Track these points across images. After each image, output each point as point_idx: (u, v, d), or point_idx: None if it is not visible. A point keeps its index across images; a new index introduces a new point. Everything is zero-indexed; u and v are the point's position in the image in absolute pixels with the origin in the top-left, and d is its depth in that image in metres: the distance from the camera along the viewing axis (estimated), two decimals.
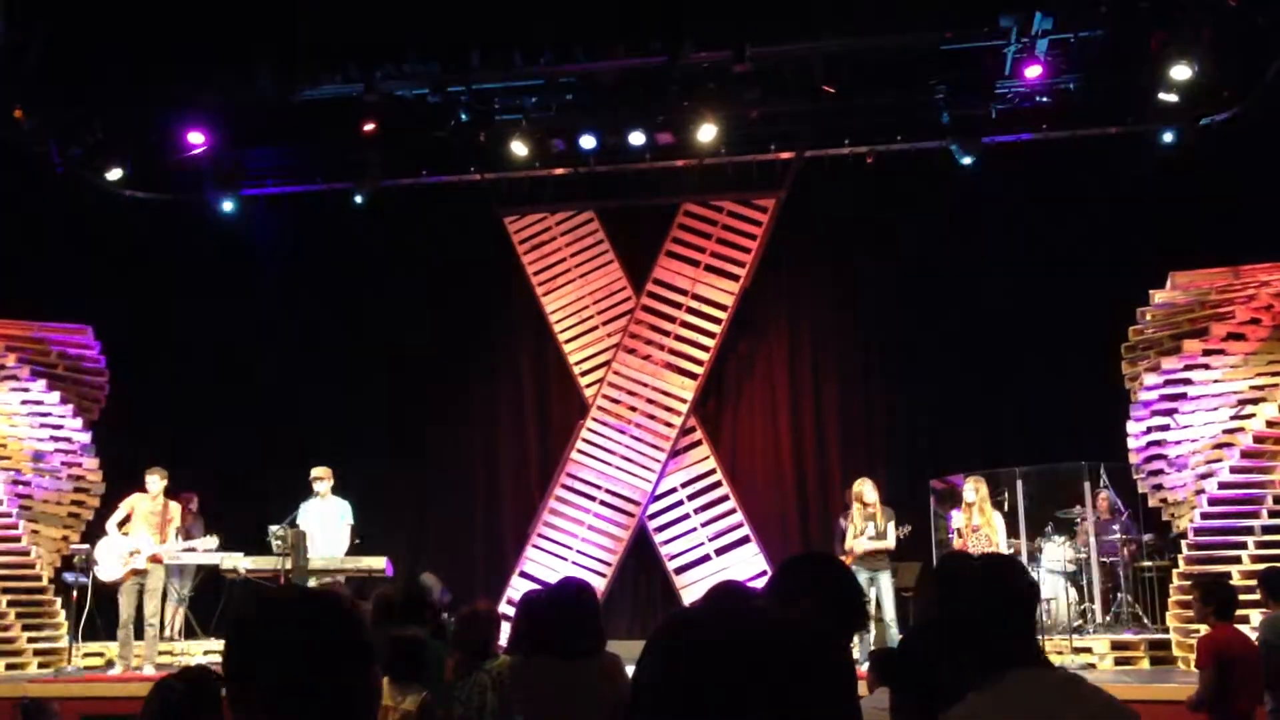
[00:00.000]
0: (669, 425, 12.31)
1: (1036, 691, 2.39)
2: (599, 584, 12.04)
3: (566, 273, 12.85)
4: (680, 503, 12.30)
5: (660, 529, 12.29)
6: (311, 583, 9.78)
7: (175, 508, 10.51)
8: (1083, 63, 10.33)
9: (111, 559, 10.16)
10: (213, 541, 10.90)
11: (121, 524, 10.26)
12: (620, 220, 12.81)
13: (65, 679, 9.77)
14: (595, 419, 12.43)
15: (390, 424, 13.06)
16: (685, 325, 12.46)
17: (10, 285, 11.61)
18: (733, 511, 12.15)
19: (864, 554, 10.09)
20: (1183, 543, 9.80)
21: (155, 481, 10.31)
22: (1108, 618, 10.27)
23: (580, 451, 12.40)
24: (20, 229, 11.84)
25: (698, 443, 12.41)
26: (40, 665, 10.45)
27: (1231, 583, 8.18)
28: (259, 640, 1.88)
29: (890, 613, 10.05)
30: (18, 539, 10.65)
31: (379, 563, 10.15)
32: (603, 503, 12.28)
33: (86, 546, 10.73)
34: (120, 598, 10.09)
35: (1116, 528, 10.58)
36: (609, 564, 12.18)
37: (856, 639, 9.40)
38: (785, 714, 1.35)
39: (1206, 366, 9.83)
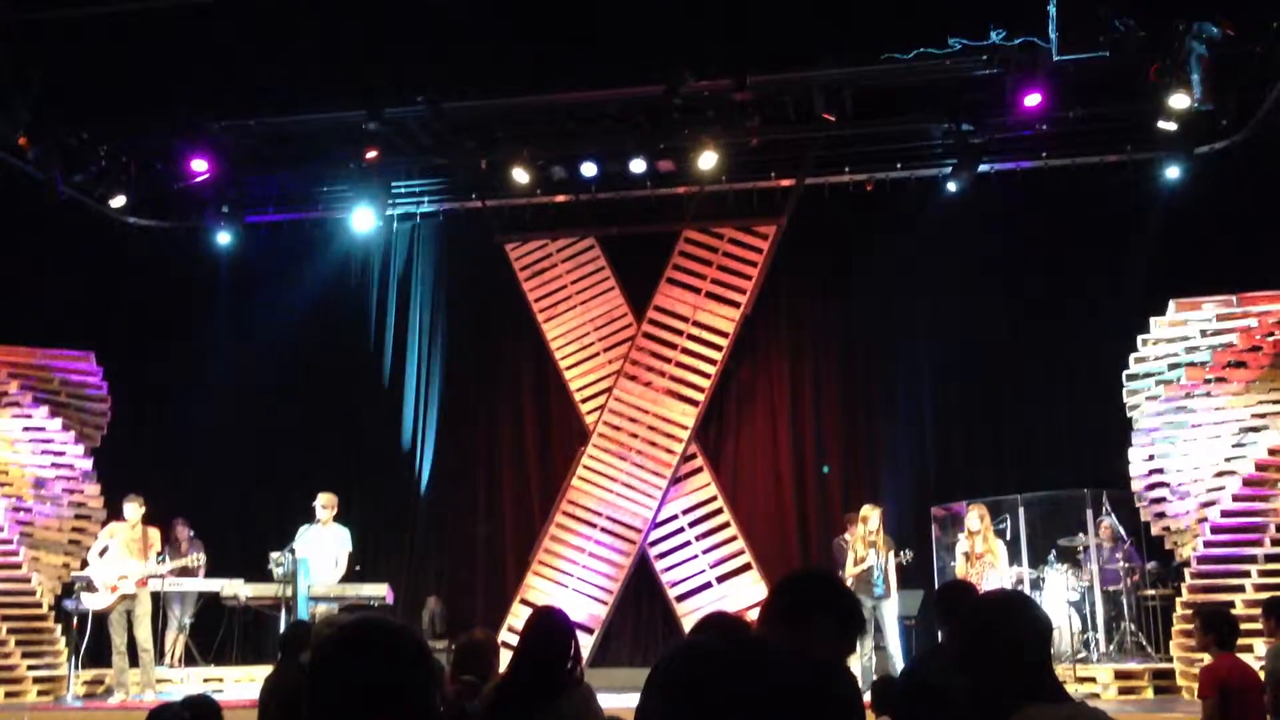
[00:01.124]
0: (670, 452, 12.30)
1: None
2: (600, 611, 12.02)
3: (568, 299, 12.87)
4: (681, 530, 12.28)
5: (661, 556, 12.26)
6: (311, 610, 9.75)
7: (154, 533, 10.44)
8: (1082, 91, 10.37)
9: (100, 586, 10.12)
10: (200, 558, 10.85)
11: (102, 553, 10.22)
12: (621, 247, 12.85)
13: (65, 708, 9.73)
14: (596, 446, 12.43)
15: (391, 450, 13.06)
16: (686, 352, 12.47)
17: (13, 312, 11.64)
18: (734, 539, 12.12)
19: (864, 581, 10.07)
20: (1186, 571, 9.77)
21: (133, 509, 10.27)
22: (1111, 647, 10.23)
23: (581, 479, 12.38)
24: (23, 256, 11.87)
25: (699, 470, 12.39)
26: (40, 693, 10.40)
27: (1235, 611, 8.16)
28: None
29: (894, 641, 10.02)
30: (18, 566, 10.63)
31: (380, 590, 10.12)
32: (604, 529, 12.26)
33: (88, 574, 10.70)
34: (110, 628, 10.04)
35: (1119, 556, 10.55)
36: (610, 591, 12.15)
37: (858, 669, 9.38)
38: None
39: (1208, 394, 9.83)
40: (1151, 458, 10.09)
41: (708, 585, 12.05)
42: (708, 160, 11.18)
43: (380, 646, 1.94)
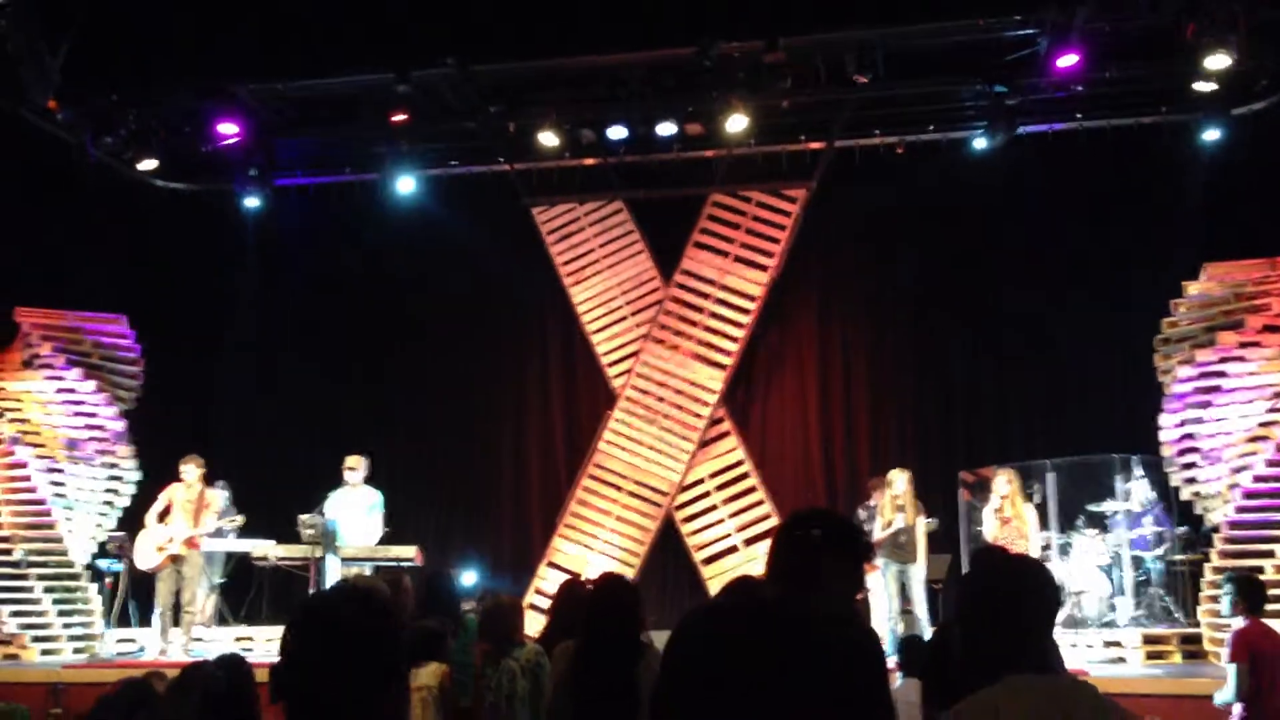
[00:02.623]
0: (697, 416, 12.30)
1: (1029, 696, 2.39)
2: (626, 574, 12.06)
3: (595, 263, 12.85)
4: (708, 494, 12.29)
5: (688, 520, 12.28)
6: (341, 571, 9.85)
7: (213, 494, 10.63)
8: (1118, 52, 10.22)
9: (148, 548, 10.27)
10: (238, 519, 11.00)
11: (162, 515, 10.37)
12: (649, 211, 12.80)
13: (98, 664, 9.88)
14: (623, 409, 12.44)
15: (418, 413, 13.14)
16: (714, 316, 12.44)
17: (45, 275, 11.74)
18: (761, 503, 12.13)
19: (894, 546, 10.06)
20: (1215, 536, 9.71)
21: (191, 470, 10.41)
22: (1139, 611, 10.19)
23: (608, 442, 12.41)
24: (54, 219, 11.95)
25: (726, 434, 12.39)
26: (74, 650, 10.57)
27: (1264, 577, 8.11)
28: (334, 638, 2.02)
29: (921, 605, 10.01)
30: (52, 526, 10.78)
31: (409, 552, 10.19)
32: (630, 493, 12.29)
33: (121, 534, 10.85)
34: (158, 584, 10.21)
35: (1148, 520, 10.49)
36: (637, 554, 12.19)
37: (886, 632, 9.39)
38: (821, 704, 1.35)
39: (1241, 359, 9.72)
40: (1183, 423, 10.00)
41: (734, 549, 12.08)
42: (737, 123, 11.09)
43: (342, 617, 2.03)
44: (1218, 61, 9.59)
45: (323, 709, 1.97)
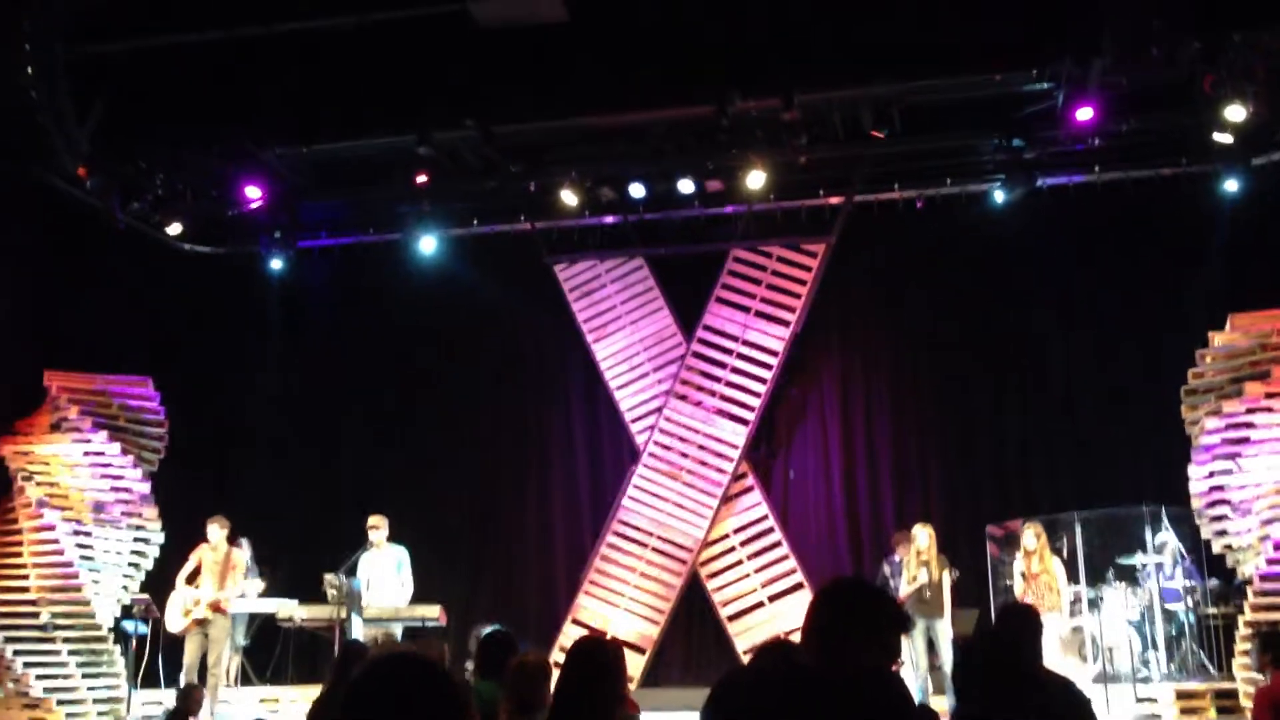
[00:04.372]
0: (720, 471, 12.27)
1: None
2: (651, 631, 12.00)
3: (617, 320, 12.90)
4: (733, 549, 12.23)
5: (712, 576, 12.22)
6: (367, 631, 9.83)
7: (238, 555, 10.66)
8: (1135, 105, 10.25)
9: (175, 611, 10.31)
10: (259, 585, 11.02)
11: (191, 578, 10.41)
12: (670, 267, 12.87)
13: None
14: (647, 465, 12.42)
15: (443, 471, 13.14)
16: (736, 371, 12.44)
17: (72, 338, 11.87)
18: (786, 558, 12.06)
19: (919, 601, 9.98)
20: (1248, 589, 9.59)
21: (216, 530, 10.49)
22: (1172, 666, 10.04)
23: (632, 498, 12.38)
24: (82, 284, 12.10)
25: (750, 489, 12.35)
26: (99, 714, 10.56)
27: None
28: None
29: (949, 660, 9.90)
30: (78, 589, 10.80)
31: (433, 611, 10.18)
32: (655, 549, 12.24)
33: (146, 596, 10.88)
34: (186, 646, 10.22)
35: (1179, 573, 10.37)
36: (661, 611, 12.12)
37: (914, 688, 9.28)
38: None
39: (1269, 410, 9.65)
40: (1212, 474, 9.91)
41: (760, 605, 12.00)
42: (756, 179, 11.16)
43: (414, 685, 2.02)
44: (1236, 112, 9.60)
45: None
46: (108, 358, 11.77)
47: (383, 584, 10.46)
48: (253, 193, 11.62)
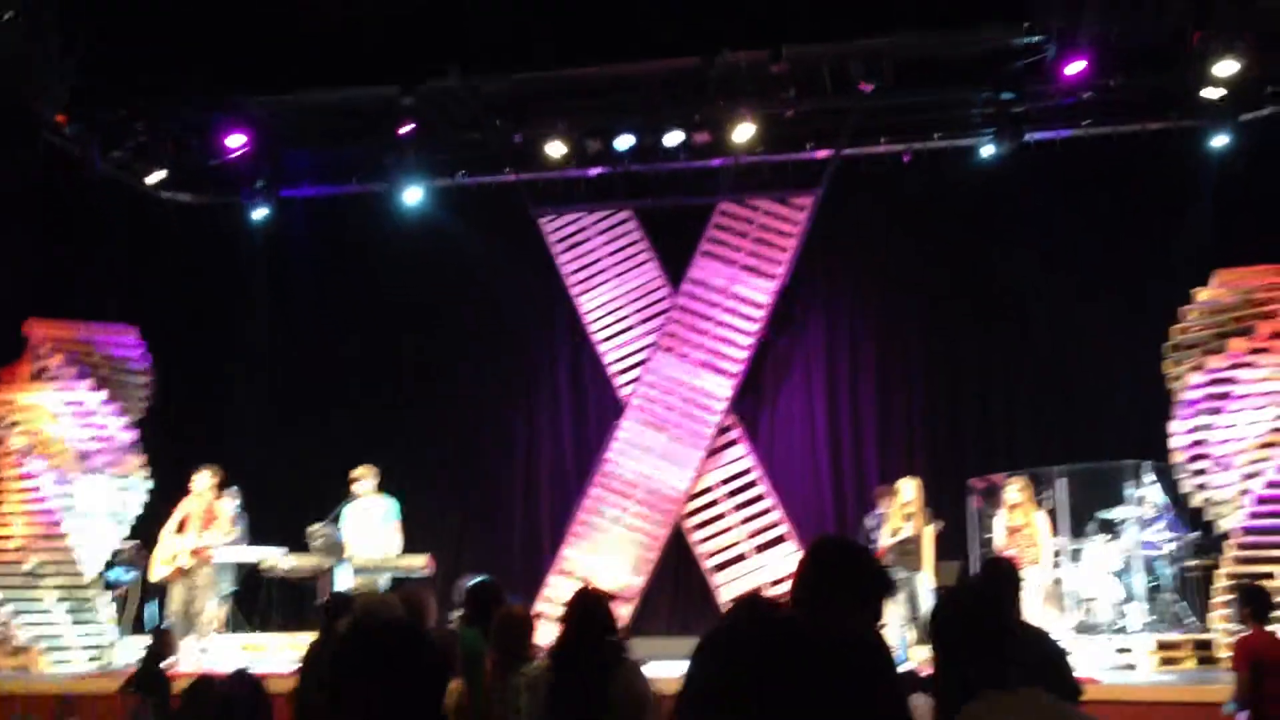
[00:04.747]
0: (706, 424, 12.30)
1: (1003, 713, 2.50)
2: (636, 582, 12.07)
3: (602, 272, 12.86)
4: (717, 501, 12.28)
5: (697, 527, 12.28)
6: (355, 580, 9.86)
7: (222, 505, 10.63)
8: (1125, 60, 10.22)
9: (158, 560, 10.32)
10: (236, 532, 10.98)
11: (180, 528, 10.40)
12: (656, 220, 12.82)
13: (110, 673, 9.89)
14: (631, 418, 12.44)
15: (428, 423, 13.15)
16: (722, 324, 12.44)
17: (54, 287, 11.78)
18: (770, 510, 12.12)
19: (901, 554, 10.05)
20: (1225, 543, 9.70)
21: (205, 478, 10.43)
22: (1151, 617, 10.17)
23: (617, 451, 12.41)
24: (63, 232, 12.00)
25: (734, 441, 12.39)
26: (88, 660, 10.60)
27: (1276, 583, 8.09)
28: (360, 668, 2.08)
29: (926, 613, 9.99)
30: (63, 536, 10.80)
31: (419, 561, 10.22)
32: (640, 501, 12.28)
33: (132, 543, 10.89)
34: (170, 594, 10.25)
35: (1160, 526, 10.46)
36: (646, 563, 12.18)
37: (895, 641, 9.37)
38: None
39: (1252, 365, 9.71)
40: (1194, 429, 9.99)
41: (744, 556, 12.07)
42: (744, 132, 11.11)
43: (395, 655, 2.09)
44: (1225, 68, 9.60)
45: None
46: (89, 307, 11.69)
47: (371, 534, 10.47)
48: (235, 141, 11.52)
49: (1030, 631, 5.00)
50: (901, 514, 10.19)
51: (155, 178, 11.93)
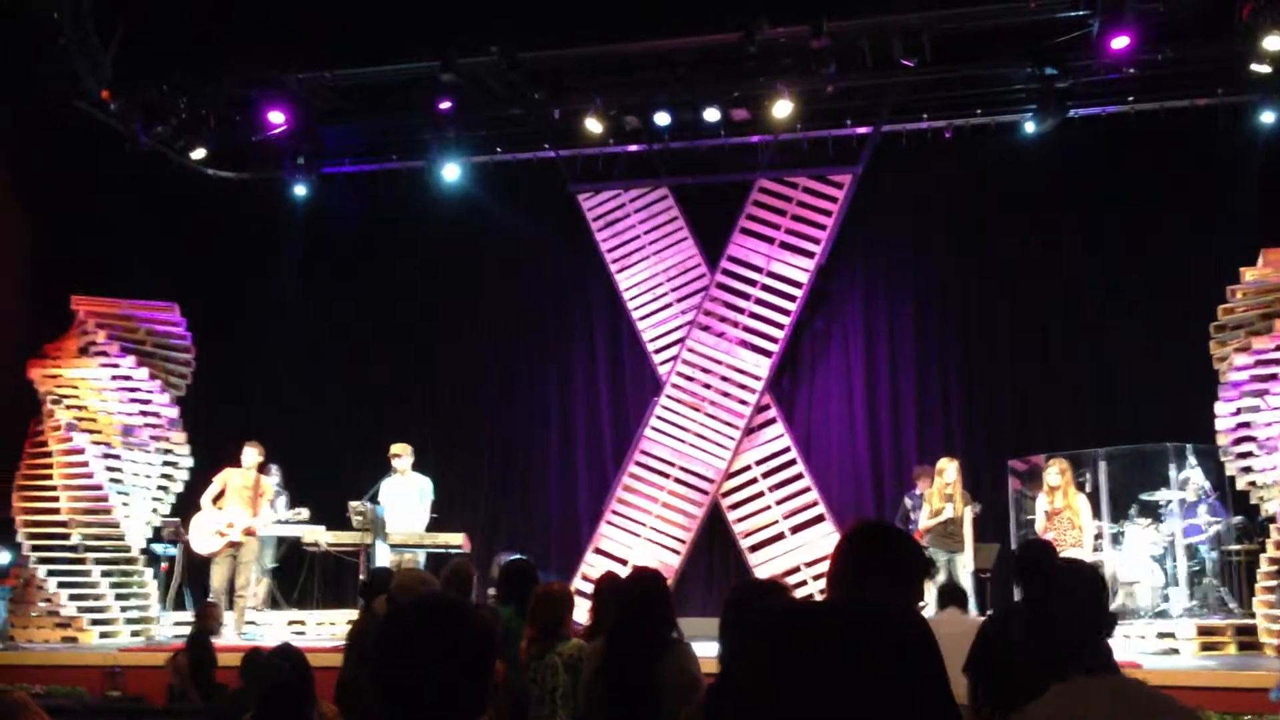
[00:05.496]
0: (743, 403, 12.27)
1: (1095, 696, 2.45)
2: (673, 561, 12.09)
3: (640, 249, 12.84)
4: (754, 480, 12.27)
5: (734, 507, 12.27)
6: (392, 557, 9.95)
7: (267, 481, 10.81)
8: (1172, 33, 10.03)
9: (205, 533, 10.47)
10: (304, 513, 11.19)
11: (216, 499, 10.55)
12: (695, 197, 12.76)
13: (155, 647, 10.05)
14: (669, 396, 12.44)
15: (466, 400, 13.22)
16: (760, 302, 12.39)
17: (98, 263, 11.92)
18: (807, 490, 12.09)
19: (941, 535, 10.02)
20: (1272, 526, 9.57)
21: (251, 455, 10.61)
22: (1193, 602, 10.07)
23: (654, 429, 12.41)
24: (107, 208, 12.12)
25: (772, 420, 12.35)
26: (131, 633, 10.77)
27: None
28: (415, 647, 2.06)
29: (970, 595, 9.93)
30: (108, 511, 10.97)
31: (456, 539, 10.29)
32: (677, 480, 12.29)
33: (175, 519, 11.05)
34: (214, 568, 10.40)
35: (1203, 510, 10.34)
36: (683, 541, 12.21)
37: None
38: (883, 701, 1.37)
39: None
40: (1239, 411, 9.85)
41: (781, 536, 12.06)
42: (783, 108, 11.02)
43: (447, 628, 2.07)
44: (1275, 42, 9.39)
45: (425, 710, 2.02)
46: (133, 283, 11.83)
47: (405, 511, 10.57)
48: (276, 118, 11.56)
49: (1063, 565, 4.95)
50: (941, 494, 10.15)
51: (198, 154, 12.01)
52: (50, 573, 10.68)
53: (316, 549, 10.99)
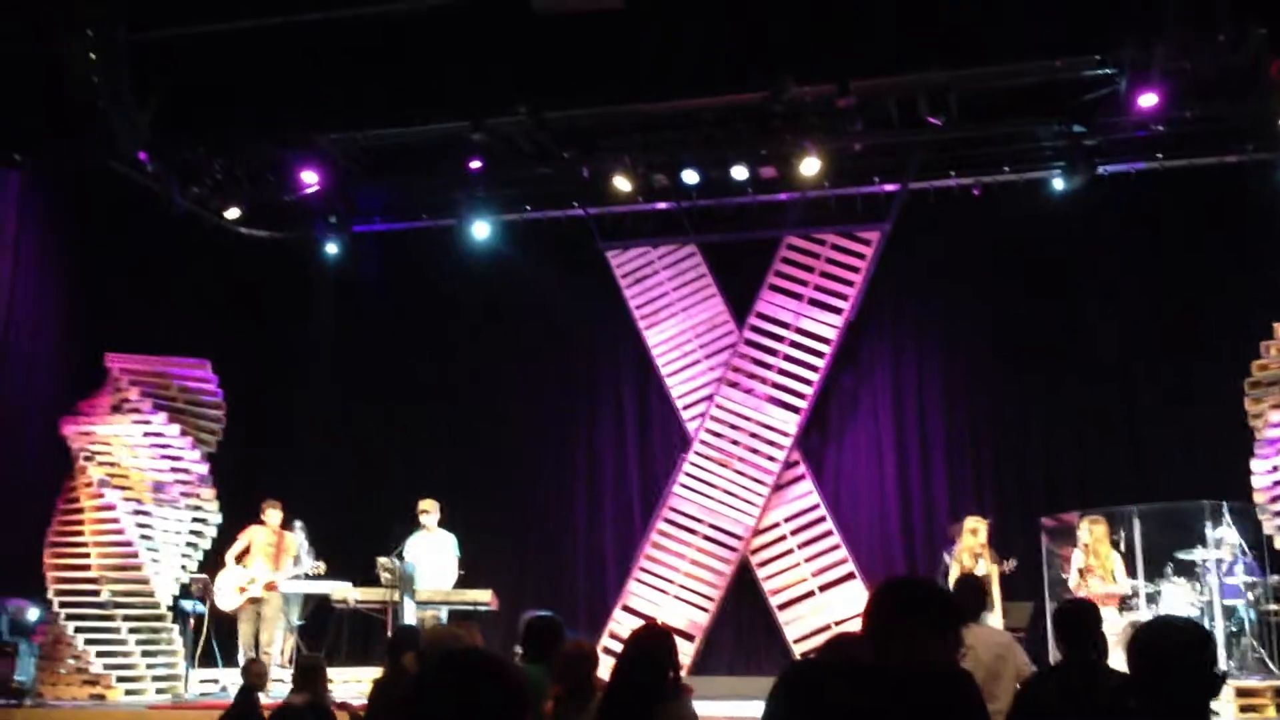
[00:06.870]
0: (772, 459, 12.22)
1: None
2: (700, 619, 12.00)
3: (669, 306, 12.88)
4: (783, 538, 12.18)
5: (763, 564, 12.18)
6: (418, 615, 9.92)
7: (291, 538, 10.85)
8: (1200, 91, 10.04)
9: (228, 589, 10.49)
10: (321, 566, 11.18)
11: (240, 556, 10.59)
12: (722, 254, 12.82)
13: (182, 705, 10.02)
14: (698, 453, 12.41)
15: (494, 457, 13.21)
16: (788, 359, 12.38)
17: (133, 321, 12.05)
18: (836, 547, 11.99)
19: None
20: None
21: (274, 514, 10.71)
22: (1232, 663, 9.87)
23: (682, 485, 12.37)
24: (143, 267, 12.28)
25: (800, 477, 12.29)
26: (158, 691, 10.75)
27: None
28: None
29: None
30: (138, 567, 11.00)
31: (484, 596, 10.25)
32: (705, 537, 12.22)
33: (204, 576, 11.07)
34: (240, 625, 10.41)
35: (1240, 569, 10.18)
36: (711, 599, 12.11)
37: None
38: None
39: None
40: (1275, 468, 9.72)
41: (810, 594, 11.95)
42: (810, 166, 11.07)
43: (483, 684, 2.03)
44: None
45: None
46: (165, 341, 11.94)
47: (431, 567, 10.56)
48: (309, 178, 11.72)
49: (1116, 677, 4.87)
50: (971, 553, 10.04)
51: (232, 213, 12.17)
52: (78, 629, 10.69)
53: (344, 606, 10.97)
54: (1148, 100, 9.86)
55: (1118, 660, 9.15)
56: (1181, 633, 2.88)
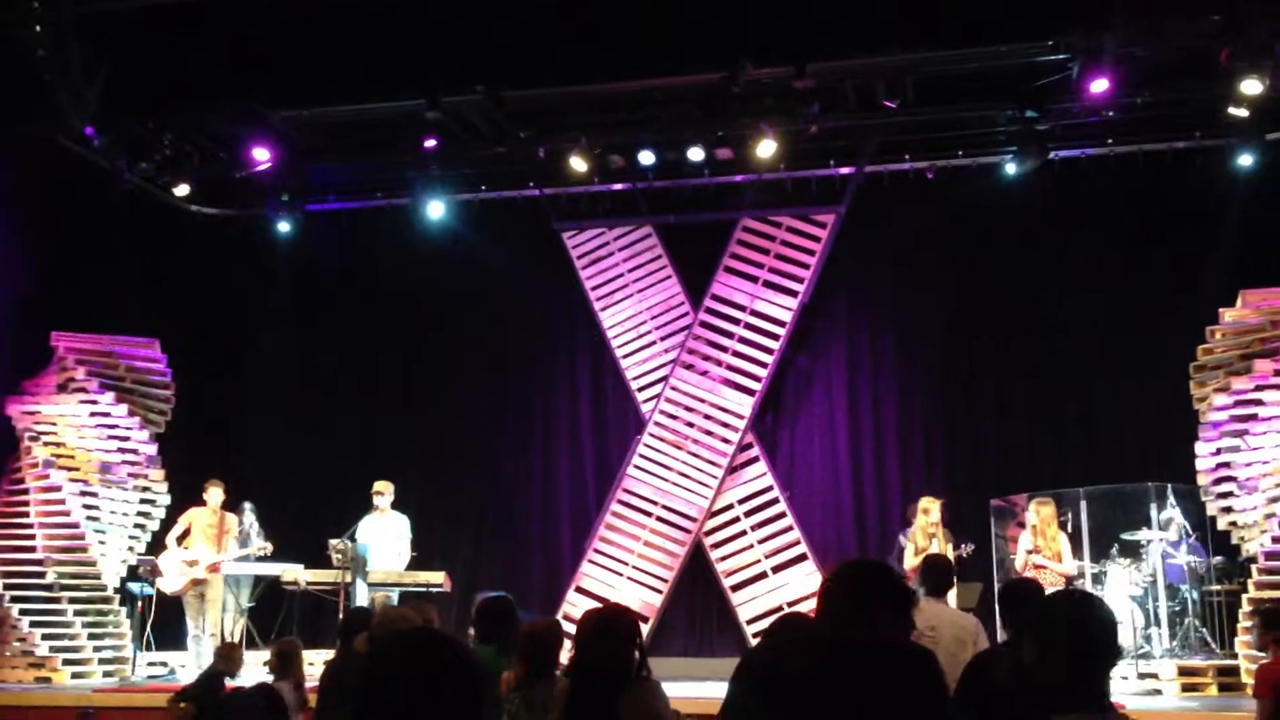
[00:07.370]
0: (726, 441, 12.26)
1: None
2: (654, 600, 12.03)
3: (624, 288, 12.87)
4: (737, 519, 12.24)
5: (716, 545, 12.23)
6: (369, 596, 9.87)
7: (232, 519, 10.73)
8: (1151, 77, 10.15)
9: (170, 571, 10.36)
10: (268, 547, 11.05)
11: (181, 538, 10.47)
12: (678, 236, 12.82)
13: (129, 688, 9.92)
14: (652, 434, 12.42)
15: (447, 438, 13.15)
16: (743, 341, 12.41)
17: (79, 299, 11.85)
18: (790, 529, 12.06)
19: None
20: (1253, 566, 9.59)
21: (215, 494, 10.56)
22: (1175, 643, 10.05)
23: (637, 467, 12.39)
24: (90, 244, 12.07)
25: (755, 459, 12.34)
26: (105, 674, 10.63)
27: None
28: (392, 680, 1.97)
29: None
30: (85, 549, 10.86)
31: (437, 577, 10.21)
32: (659, 518, 12.25)
33: (151, 557, 10.94)
34: (186, 608, 10.29)
35: (1184, 550, 10.36)
36: (665, 580, 12.15)
37: None
38: None
39: (1278, 387, 9.61)
40: (1219, 451, 9.89)
41: (763, 575, 12.02)
42: (766, 148, 11.08)
43: (434, 663, 1.98)
44: (1252, 86, 9.51)
45: None
46: (114, 319, 11.76)
47: (384, 549, 10.50)
48: (261, 155, 11.57)
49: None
50: (925, 533, 10.14)
51: (181, 190, 11.99)
52: (23, 612, 10.55)
53: (295, 588, 10.88)
54: (1099, 86, 9.96)
55: None
56: (1075, 604, 2.91)
